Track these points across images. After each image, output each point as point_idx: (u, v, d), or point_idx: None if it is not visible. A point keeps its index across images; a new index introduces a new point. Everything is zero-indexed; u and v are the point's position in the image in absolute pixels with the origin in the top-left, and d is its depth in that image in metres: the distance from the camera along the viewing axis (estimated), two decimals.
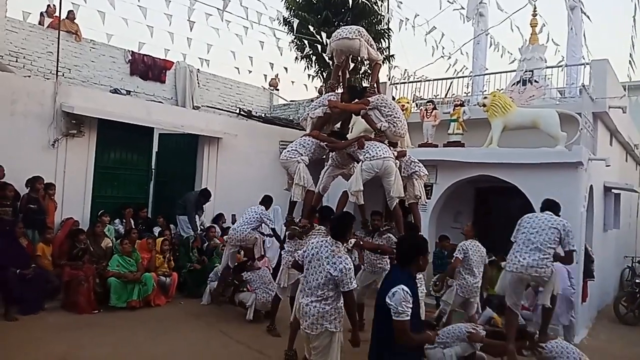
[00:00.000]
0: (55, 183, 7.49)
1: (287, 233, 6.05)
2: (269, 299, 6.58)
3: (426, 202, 6.84)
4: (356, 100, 5.82)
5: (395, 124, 5.49)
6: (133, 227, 8.05)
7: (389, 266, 6.44)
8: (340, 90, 6.33)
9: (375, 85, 6.24)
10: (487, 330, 5.15)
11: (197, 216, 8.79)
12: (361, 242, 5.70)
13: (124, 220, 8.30)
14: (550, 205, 5.15)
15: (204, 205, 9.08)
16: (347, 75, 6.81)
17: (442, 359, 4.88)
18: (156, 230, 8.55)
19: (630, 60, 8.54)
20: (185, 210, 8.70)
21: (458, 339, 4.92)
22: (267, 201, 7.34)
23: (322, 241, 3.92)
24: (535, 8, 11.25)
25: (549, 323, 5.10)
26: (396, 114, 5.56)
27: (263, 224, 6.92)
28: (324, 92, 6.96)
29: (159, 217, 8.78)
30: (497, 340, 4.99)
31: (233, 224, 7.96)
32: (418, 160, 6.08)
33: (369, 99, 5.66)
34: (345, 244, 4.22)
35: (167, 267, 7.55)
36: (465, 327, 5.03)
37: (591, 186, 8.15)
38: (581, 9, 10.75)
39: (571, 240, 4.71)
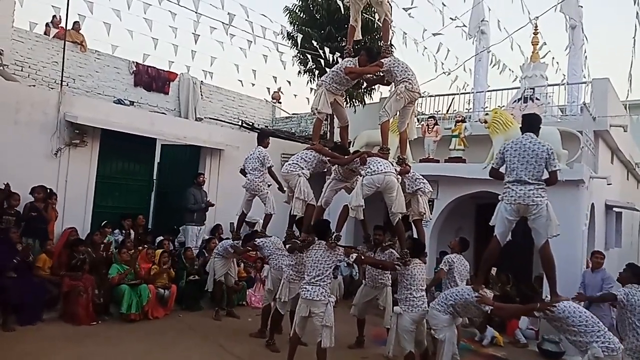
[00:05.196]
0: (57, 192, 7.48)
1: (287, 247, 6.05)
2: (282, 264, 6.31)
3: (430, 218, 6.82)
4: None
5: (410, 82, 5.60)
6: (132, 237, 8.02)
7: (390, 282, 6.39)
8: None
9: (388, 45, 6.23)
10: (495, 294, 5.07)
11: (196, 212, 8.88)
12: (362, 257, 5.70)
13: (124, 231, 8.27)
14: (531, 124, 4.89)
15: (205, 197, 9.11)
16: (361, 38, 6.84)
17: (441, 327, 4.90)
18: (158, 239, 8.49)
19: (630, 80, 8.62)
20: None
21: (466, 302, 4.86)
22: (262, 137, 7.28)
23: None
24: (536, 26, 11.36)
25: (555, 278, 4.72)
26: (409, 72, 5.68)
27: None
28: None
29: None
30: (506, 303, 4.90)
31: (231, 232, 7.94)
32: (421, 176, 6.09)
33: (382, 60, 5.73)
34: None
35: (167, 279, 7.51)
36: (470, 290, 4.92)
37: (592, 204, 8.15)
38: (581, 28, 10.87)
39: (553, 161, 4.65)
